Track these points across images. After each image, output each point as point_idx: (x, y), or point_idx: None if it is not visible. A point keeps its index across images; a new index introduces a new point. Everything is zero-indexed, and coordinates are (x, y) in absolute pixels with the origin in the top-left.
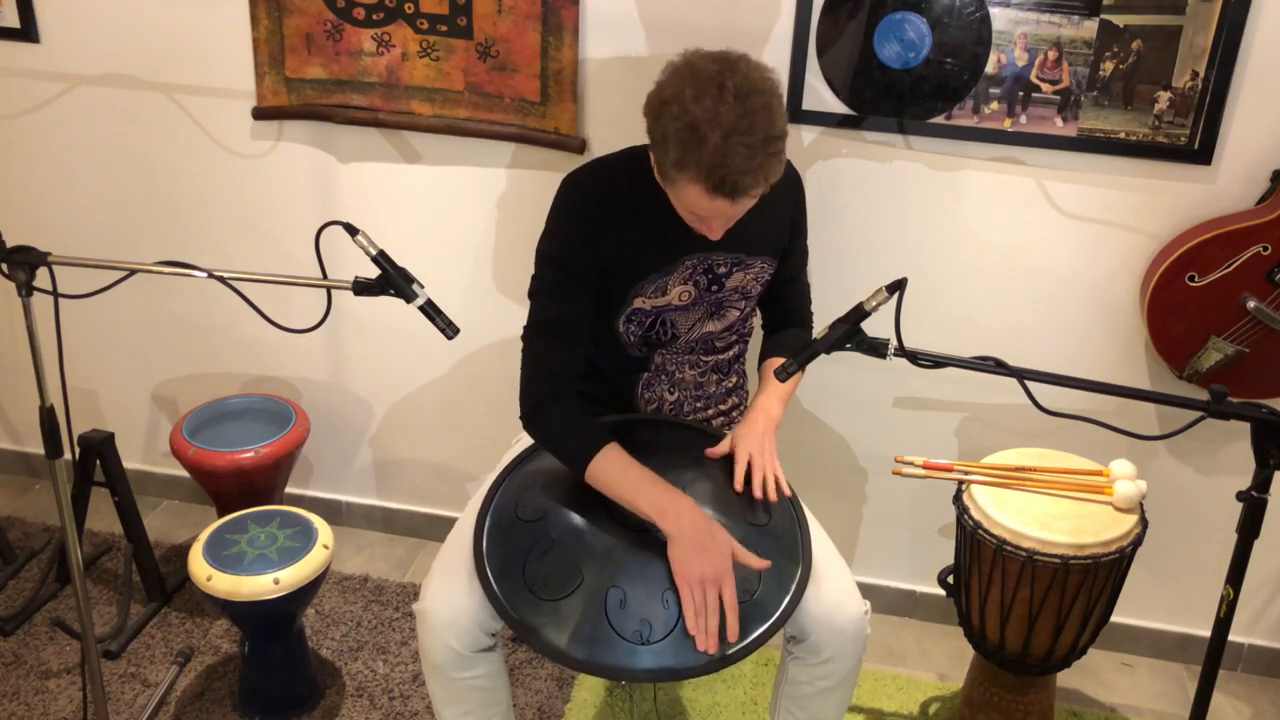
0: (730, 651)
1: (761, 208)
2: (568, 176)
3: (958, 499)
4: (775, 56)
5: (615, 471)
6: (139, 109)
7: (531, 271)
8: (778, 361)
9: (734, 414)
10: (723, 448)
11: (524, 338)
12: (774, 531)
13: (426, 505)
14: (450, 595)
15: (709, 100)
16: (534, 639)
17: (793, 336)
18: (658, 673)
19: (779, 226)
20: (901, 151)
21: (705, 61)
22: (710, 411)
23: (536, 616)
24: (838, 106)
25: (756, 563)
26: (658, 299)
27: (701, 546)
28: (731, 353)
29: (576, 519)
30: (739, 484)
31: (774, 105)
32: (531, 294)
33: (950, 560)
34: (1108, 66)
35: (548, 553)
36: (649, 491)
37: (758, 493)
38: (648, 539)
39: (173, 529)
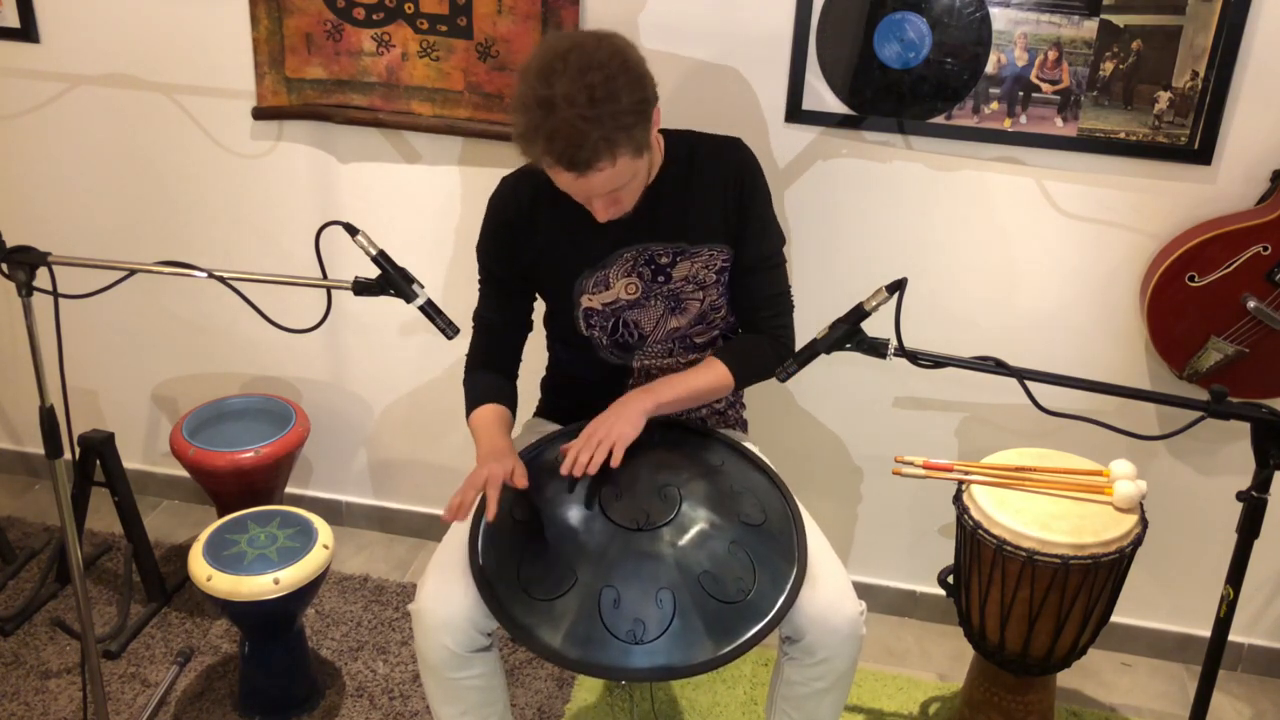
0: (724, 651)
1: (700, 193)
2: (503, 177)
3: (958, 499)
4: (775, 56)
5: (476, 424)
6: (139, 109)
7: None
8: (714, 361)
9: (728, 412)
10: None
11: (472, 320)
12: (770, 531)
13: (426, 505)
14: (445, 595)
15: (552, 76)
16: (528, 639)
17: (748, 347)
18: (651, 672)
19: (721, 211)
20: (901, 151)
21: (560, 40)
22: (704, 410)
23: (530, 616)
24: (838, 106)
25: (521, 480)
26: (603, 294)
27: (487, 459)
28: (714, 348)
29: (570, 519)
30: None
31: (619, 78)
32: (478, 286)
33: (950, 560)
34: (1108, 66)
35: (542, 553)
36: (482, 438)
37: (564, 470)
38: (642, 539)
39: (173, 529)
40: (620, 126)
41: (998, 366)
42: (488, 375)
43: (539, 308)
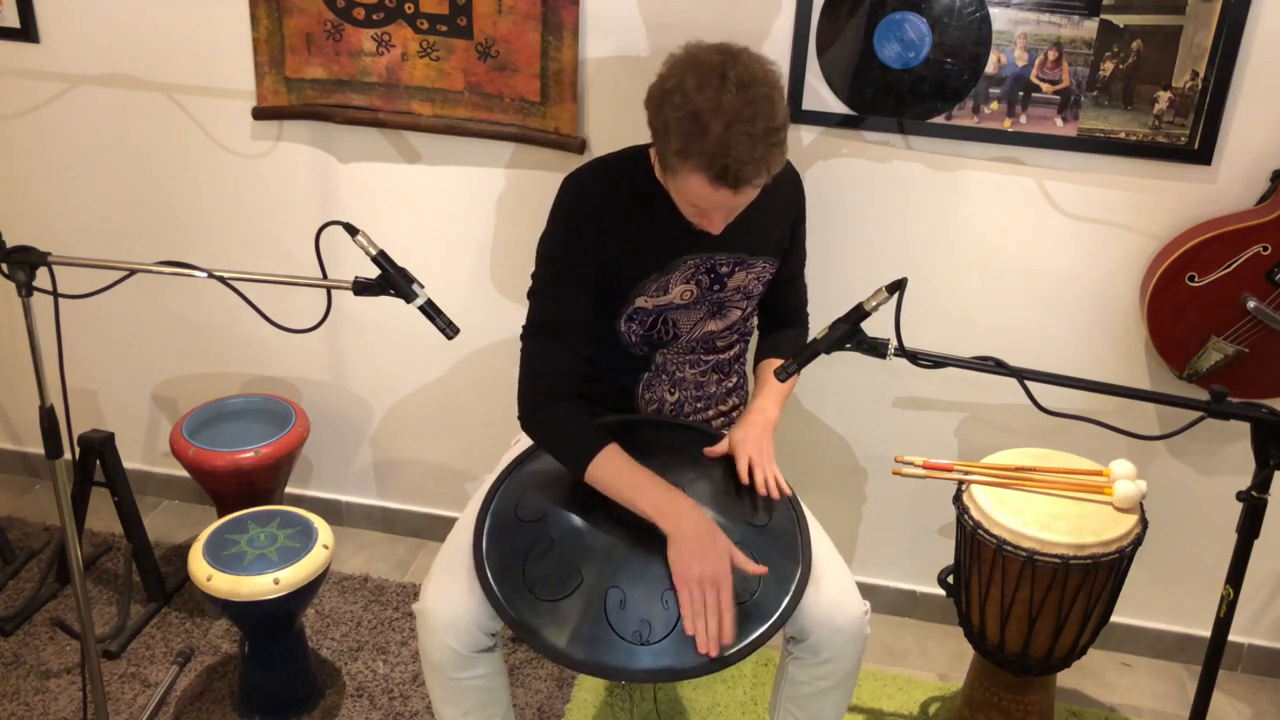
0: (730, 652)
1: (764, 207)
2: (568, 177)
3: (958, 499)
4: (775, 56)
5: (615, 472)
6: (139, 109)
7: (532, 270)
8: (776, 363)
9: (734, 414)
10: (720, 448)
11: (523, 337)
12: (774, 532)
13: (426, 505)
14: (450, 595)
15: (711, 90)
16: (534, 639)
17: (789, 337)
18: (657, 673)
19: (780, 227)
20: (901, 151)
21: (708, 53)
22: (710, 412)
23: (536, 617)
24: (838, 106)
25: (754, 568)
26: (659, 298)
27: (701, 548)
28: (732, 352)
29: (576, 519)
30: (744, 478)
31: (775, 96)
32: (531, 294)
33: (950, 560)
34: (1108, 66)
35: (547, 553)
36: (650, 491)
37: (761, 491)
38: (647, 539)
39: (173, 529)
40: (776, 143)
41: (998, 366)
42: (571, 405)
43: None
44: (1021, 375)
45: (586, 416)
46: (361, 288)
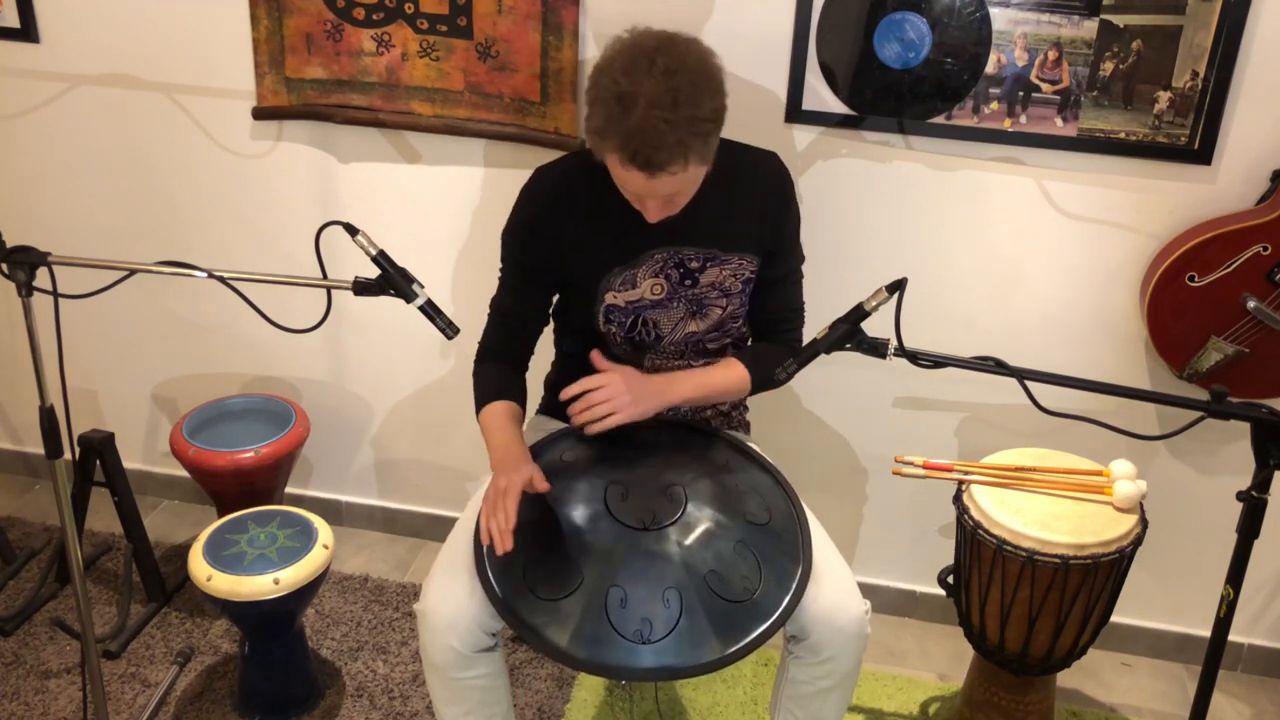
0: (731, 651)
1: (739, 202)
2: (537, 168)
3: (958, 499)
4: (775, 56)
5: (489, 420)
6: (139, 109)
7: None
8: (733, 361)
9: (732, 414)
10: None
11: (489, 307)
12: (774, 530)
13: (427, 505)
14: (451, 595)
15: (638, 74)
16: (535, 639)
17: (765, 353)
18: (658, 671)
19: (759, 223)
20: (901, 151)
21: (646, 38)
22: (709, 411)
23: (537, 616)
24: (838, 106)
25: (543, 486)
26: (628, 293)
27: (504, 465)
28: (724, 357)
29: (577, 519)
30: (575, 389)
31: (703, 85)
32: (499, 274)
33: (950, 560)
34: (1108, 66)
35: (548, 553)
36: (497, 436)
37: (576, 417)
38: (648, 538)
39: (173, 529)
40: (697, 133)
41: (998, 366)
42: (499, 368)
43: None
44: (1021, 375)
45: (506, 379)
46: (361, 288)
